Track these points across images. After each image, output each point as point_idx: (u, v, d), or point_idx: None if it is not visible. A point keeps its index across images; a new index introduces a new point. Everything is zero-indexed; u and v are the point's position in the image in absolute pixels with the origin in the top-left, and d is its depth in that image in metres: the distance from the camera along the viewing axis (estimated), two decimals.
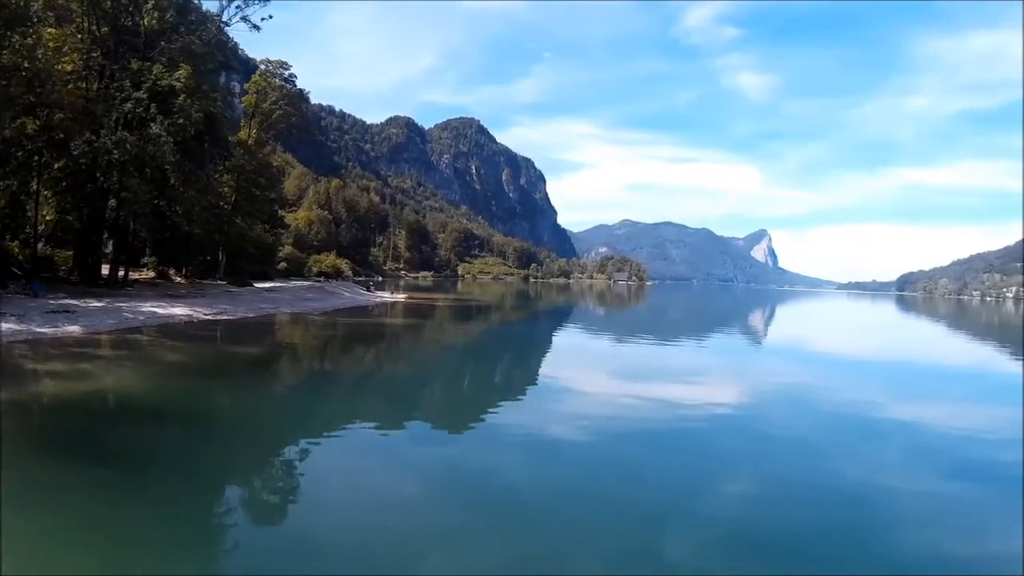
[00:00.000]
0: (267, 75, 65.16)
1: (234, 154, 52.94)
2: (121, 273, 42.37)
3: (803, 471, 11.58)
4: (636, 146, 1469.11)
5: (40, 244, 40.54)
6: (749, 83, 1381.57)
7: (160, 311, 31.83)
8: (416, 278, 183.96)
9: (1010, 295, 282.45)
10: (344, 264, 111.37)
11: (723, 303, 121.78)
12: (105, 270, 42.20)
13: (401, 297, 69.89)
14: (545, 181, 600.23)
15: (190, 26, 42.62)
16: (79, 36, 37.99)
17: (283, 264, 77.53)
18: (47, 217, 40.99)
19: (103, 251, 43.82)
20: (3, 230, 38.49)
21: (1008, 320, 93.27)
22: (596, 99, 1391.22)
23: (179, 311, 32.90)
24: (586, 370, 24.31)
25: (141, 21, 39.83)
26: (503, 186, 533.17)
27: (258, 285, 55.50)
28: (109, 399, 15.29)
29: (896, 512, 9.58)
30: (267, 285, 57.22)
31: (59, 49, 35.87)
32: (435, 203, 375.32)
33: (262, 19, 47.23)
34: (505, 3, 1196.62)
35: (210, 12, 47.07)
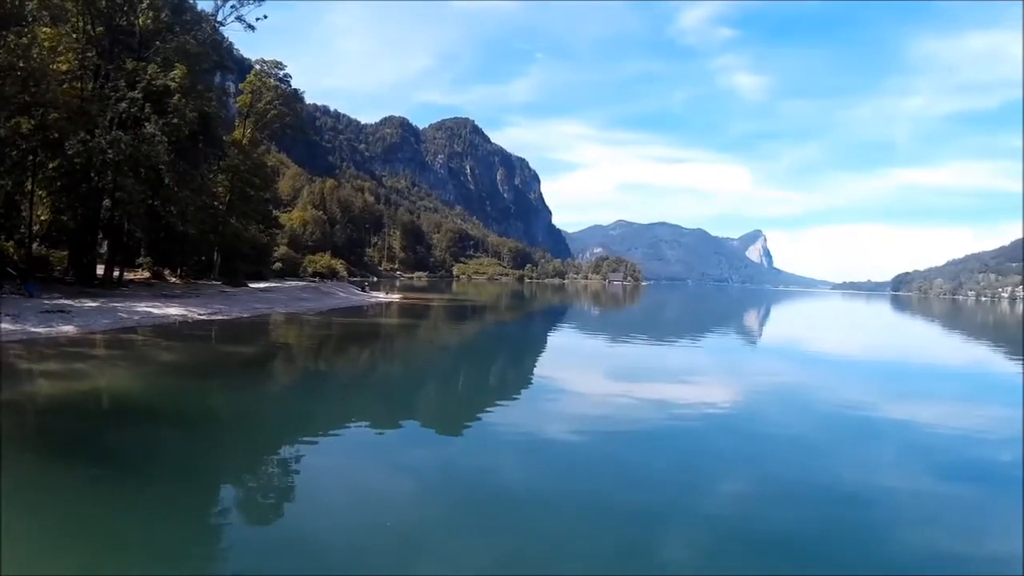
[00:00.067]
0: (262, 75, 65.19)
1: (229, 154, 53.07)
2: (116, 273, 42.28)
3: (799, 471, 11.62)
4: (631, 146, 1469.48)
5: (35, 244, 40.41)
6: (744, 83, 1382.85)
7: (155, 311, 31.84)
8: (411, 278, 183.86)
9: (1005, 295, 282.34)
10: (339, 264, 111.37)
11: (718, 303, 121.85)
12: (100, 270, 42.13)
13: (396, 297, 69.90)
14: (540, 181, 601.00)
15: (185, 26, 42.62)
16: (74, 36, 37.95)
17: (278, 264, 77.58)
18: (42, 217, 40.92)
19: (98, 251, 43.75)
20: None
21: (1003, 320, 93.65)
22: (591, 99, 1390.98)
23: (174, 311, 32.93)
24: (581, 370, 24.27)
25: (136, 21, 39.83)
26: (498, 186, 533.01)
27: (253, 285, 55.46)
28: (104, 399, 15.29)
29: (893, 512, 9.59)
30: (262, 285, 57.23)
31: (54, 49, 35.88)
32: (430, 203, 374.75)
33: (257, 19, 47.41)
34: (499, 3, 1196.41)
35: (205, 12, 47.28)
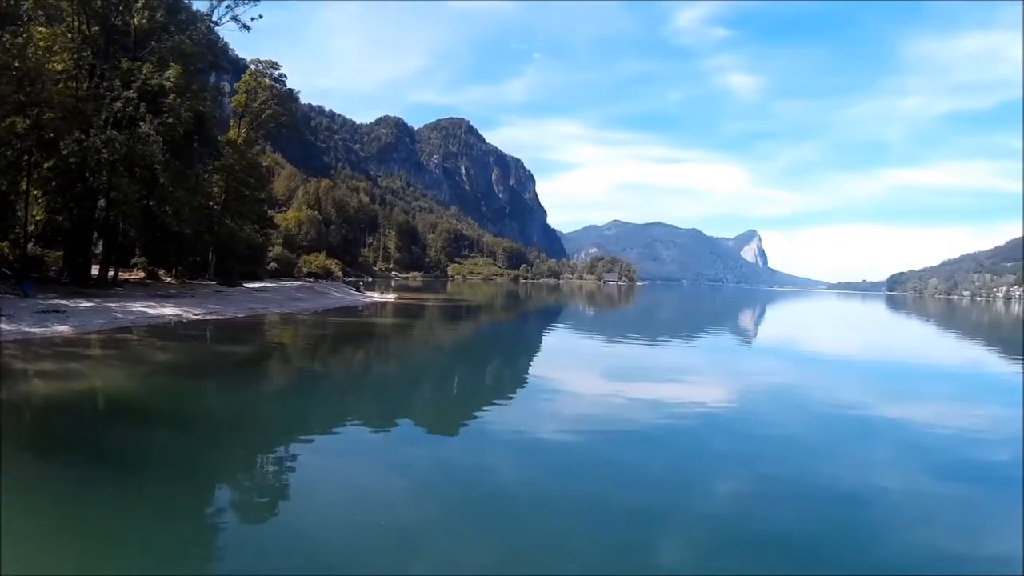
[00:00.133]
0: (257, 75, 65.17)
1: (224, 154, 52.89)
2: (111, 273, 42.25)
3: (795, 470, 11.63)
4: (626, 146, 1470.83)
5: (30, 244, 40.36)
6: (739, 83, 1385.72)
7: (150, 311, 31.83)
8: (406, 278, 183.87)
9: (1000, 295, 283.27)
10: (334, 264, 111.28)
11: (713, 303, 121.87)
12: (95, 270, 42.06)
13: (391, 297, 69.87)
14: (535, 181, 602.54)
15: (180, 25, 42.64)
16: (69, 35, 37.91)
17: (273, 264, 77.47)
18: (37, 217, 40.90)
19: (93, 251, 43.68)
20: None
21: (998, 320, 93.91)
22: (586, 99, 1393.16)
23: (169, 311, 32.91)
24: (576, 370, 24.26)
25: (131, 20, 39.81)
26: (493, 186, 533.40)
27: (248, 285, 55.48)
28: (100, 399, 15.32)
29: (889, 511, 9.60)
30: (257, 285, 57.22)
31: (49, 48, 35.82)
32: (425, 203, 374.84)
33: (252, 19, 47.51)
34: (495, 3, 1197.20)
35: (200, 12, 47.30)
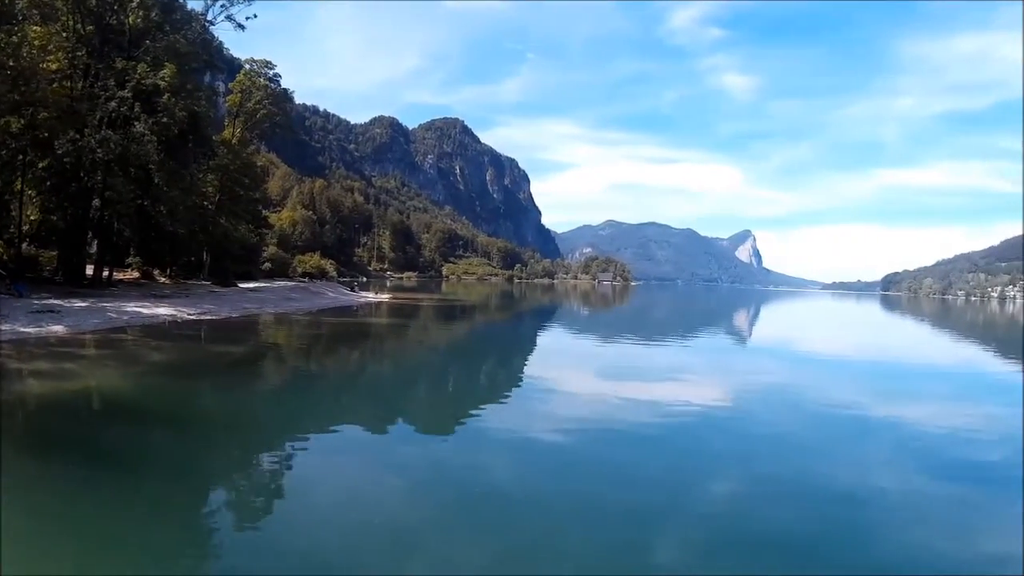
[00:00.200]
0: (251, 74, 65.02)
1: (218, 153, 52.83)
2: (105, 273, 42.20)
3: (791, 470, 11.65)
4: (620, 146, 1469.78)
5: (24, 244, 40.31)
6: (733, 83, 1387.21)
7: (144, 311, 31.82)
8: (400, 279, 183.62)
9: (995, 295, 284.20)
10: (328, 264, 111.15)
11: (708, 303, 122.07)
12: (89, 270, 41.99)
13: (385, 297, 69.89)
14: (529, 181, 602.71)
15: (175, 25, 42.51)
16: (64, 34, 37.82)
17: (267, 264, 77.35)
18: (31, 217, 40.81)
19: (87, 251, 43.60)
20: None
21: (993, 319, 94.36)
22: (580, 99, 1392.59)
23: (163, 311, 32.90)
24: (571, 370, 24.28)
25: (126, 20, 39.68)
26: (487, 186, 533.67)
27: (242, 285, 55.46)
28: (95, 399, 15.33)
29: (885, 511, 9.60)
30: (251, 285, 57.17)
31: (44, 47, 35.80)
32: (419, 203, 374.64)
33: (247, 18, 47.34)
34: (490, 3, 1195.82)
35: (195, 11, 47.20)
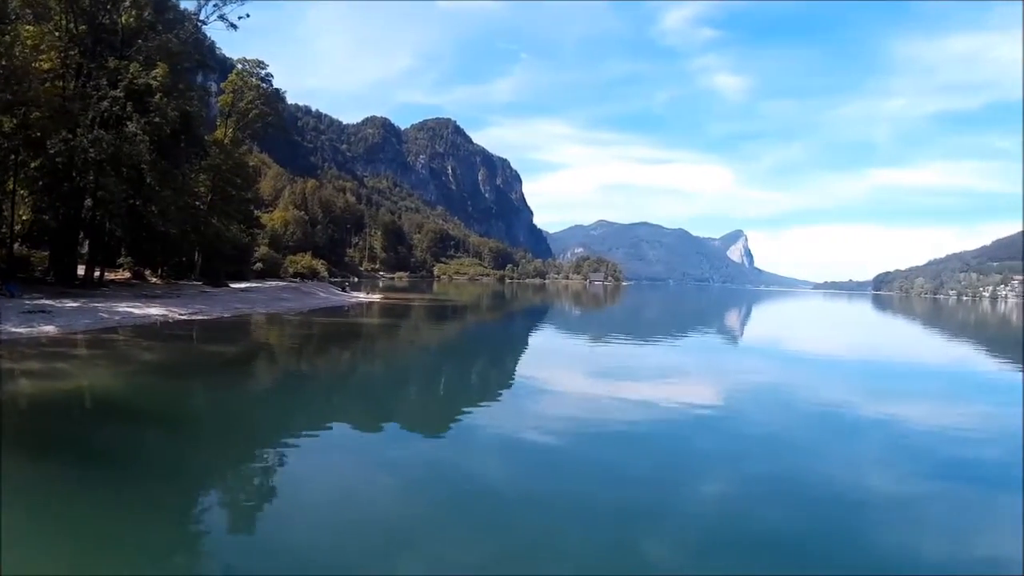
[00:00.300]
0: (243, 74, 64.98)
1: (210, 153, 52.77)
2: (97, 273, 42.07)
3: (783, 470, 11.68)
4: (612, 147, 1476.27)
5: (16, 244, 40.18)
6: (725, 84, 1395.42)
7: (136, 311, 31.80)
8: (392, 279, 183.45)
9: (986, 294, 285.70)
10: (320, 265, 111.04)
11: (699, 303, 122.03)
12: (81, 270, 41.86)
13: (376, 298, 69.87)
14: (521, 181, 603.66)
15: (168, 24, 42.53)
16: (57, 34, 37.73)
17: (259, 264, 77.19)
18: (23, 217, 40.71)
19: (79, 251, 43.49)
20: None
21: (984, 319, 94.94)
22: (572, 100, 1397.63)
23: (154, 311, 32.89)
24: (563, 370, 24.28)
25: (119, 19, 39.64)
26: (479, 186, 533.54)
27: (234, 285, 55.43)
28: (86, 399, 15.38)
29: (878, 510, 9.62)
30: (242, 285, 57.15)
31: (37, 47, 35.68)
32: (411, 203, 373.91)
33: (239, 18, 47.22)
34: (482, 3, 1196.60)
35: (188, 10, 47.22)
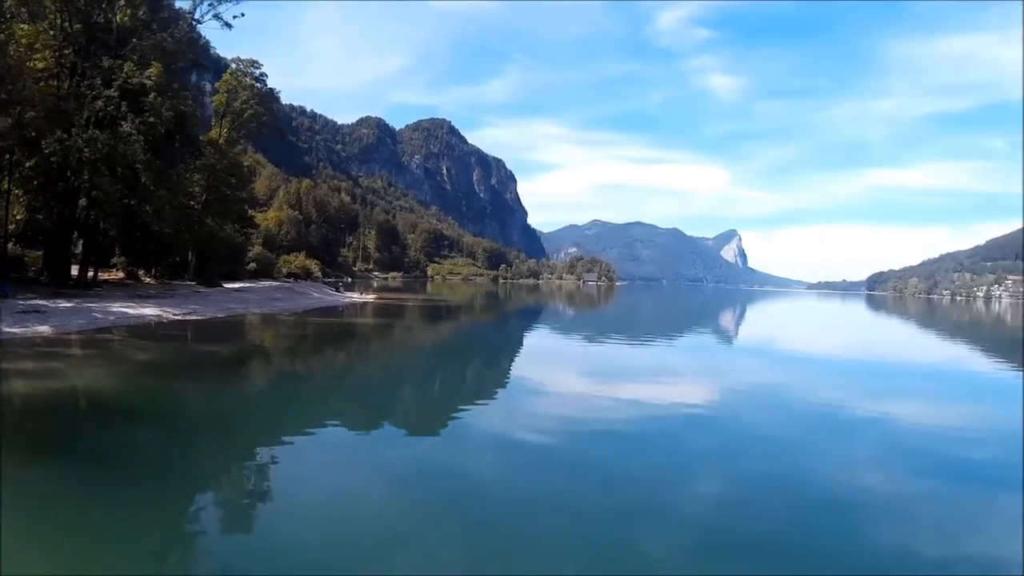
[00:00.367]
0: (238, 74, 64.88)
1: (205, 153, 52.65)
2: (91, 273, 41.94)
3: (778, 469, 11.69)
4: (607, 147, 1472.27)
5: (10, 244, 40.06)
6: (720, 84, 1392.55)
7: (130, 311, 31.80)
8: (386, 279, 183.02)
9: (980, 294, 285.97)
10: (313, 265, 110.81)
11: (693, 303, 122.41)
12: (75, 271, 41.74)
13: (370, 298, 69.85)
14: (516, 181, 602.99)
15: (162, 23, 42.36)
16: (51, 33, 37.57)
17: (252, 264, 77.01)
18: (17, 216, 40.56)
19: (73, 251, 43.39)
20: None
21: (979, 319, 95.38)
22: (567, 100, 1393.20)
23: (149, 311, 32.90)
24: (557, 371, 24.33)
25: (114, 18, 39.50)
26: (474, 186, 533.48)
27: (227, 285, 55.35)
28: (80, 399, 15.41)
29: (873, 510, 9.62)
30: (236, 285, 57.08)
31: (31, 46, 35.55)
32: (406, 203, 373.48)
33: (234, 17, 47.08)
34: (477, 3, 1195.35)
35: (182, 9, 46.99)
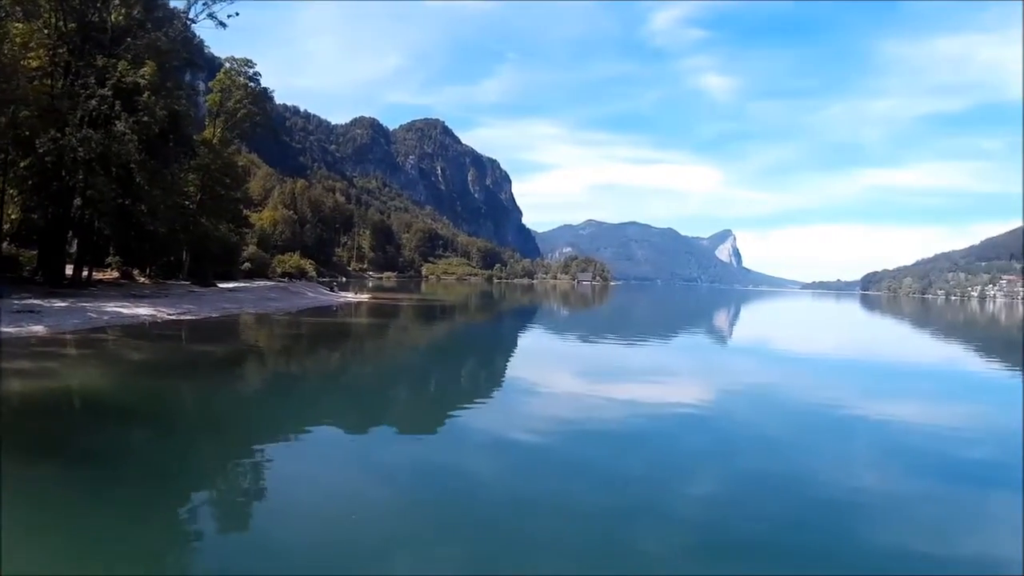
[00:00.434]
0: (231, 73, 64.55)
1: (199, 153, 52.59)
2: (85, 273, 41.83)
3: (774, 469, 11.66)
4: (601, 147, 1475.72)
5: (4, 243, 39.95)
6: (714, 84, 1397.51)
7: (124, 311, 31.73)
8: (380, 279, 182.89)
9: (975, 294, 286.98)
10: (308, 264, 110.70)
11: (688, 303, 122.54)
12: (69, 270, 41.63)
13: (365, 298, 69.70)
14: (510, 181, 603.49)
15: (157, 22, 42.33)
16: (46, 31, 37.44)
17: (247, 264, 76.85)
18: (12, 216, 40.42)
19: (67, 251, 43.28)
20: None
21: (973, 319, 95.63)
22: (562, 100, 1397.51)
23: (143, 311, 32.83)
24: (552, 370, 24.25)
25: (108, 17, 39.42)
26: (468, 186, 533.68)
27: (222, 285, 55.22)
28: (74, 398, 15.38)
29: (870, 510, 9.54)
30: (231, 285, 56.96)
31: (25, 44, 35.41)
32: (400, 203, 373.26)
33: (228, 16, 47.18)
34: (471, 3, 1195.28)
35: (177, 8, 47.02)
